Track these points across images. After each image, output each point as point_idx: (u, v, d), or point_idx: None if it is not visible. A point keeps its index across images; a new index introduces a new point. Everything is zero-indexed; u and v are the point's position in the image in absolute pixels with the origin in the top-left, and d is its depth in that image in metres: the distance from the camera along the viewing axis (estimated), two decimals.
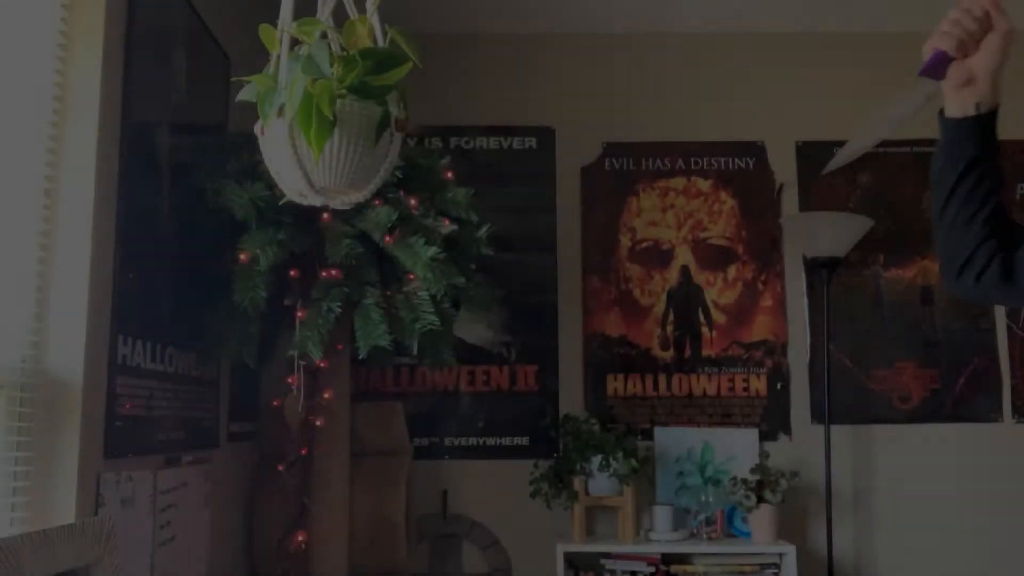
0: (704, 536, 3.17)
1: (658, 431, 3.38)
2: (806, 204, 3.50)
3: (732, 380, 3.44)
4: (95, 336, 1.81)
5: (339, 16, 1.17)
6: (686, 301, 3.48)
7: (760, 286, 3.48)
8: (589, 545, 3.13)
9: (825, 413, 3.24)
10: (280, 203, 2.07)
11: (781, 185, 3.50)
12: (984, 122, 1.23)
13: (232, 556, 2.70)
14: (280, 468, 2.41)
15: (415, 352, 2.27)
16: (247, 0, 2.71)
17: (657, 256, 3.50)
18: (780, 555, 3.06)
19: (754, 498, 3.10)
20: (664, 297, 3.48)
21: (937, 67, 1.19)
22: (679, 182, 3.55)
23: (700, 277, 3.49)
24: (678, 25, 3.55)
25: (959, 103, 1.21)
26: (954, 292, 1.27)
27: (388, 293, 2.30)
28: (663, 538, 3.12)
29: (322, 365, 2.37)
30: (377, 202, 2.22)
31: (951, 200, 1.23)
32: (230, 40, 2.66)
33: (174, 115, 2.27)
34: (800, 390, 3.42)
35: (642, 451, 3.25)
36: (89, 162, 1.81)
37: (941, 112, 1.23)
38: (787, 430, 3.40)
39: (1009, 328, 3.47)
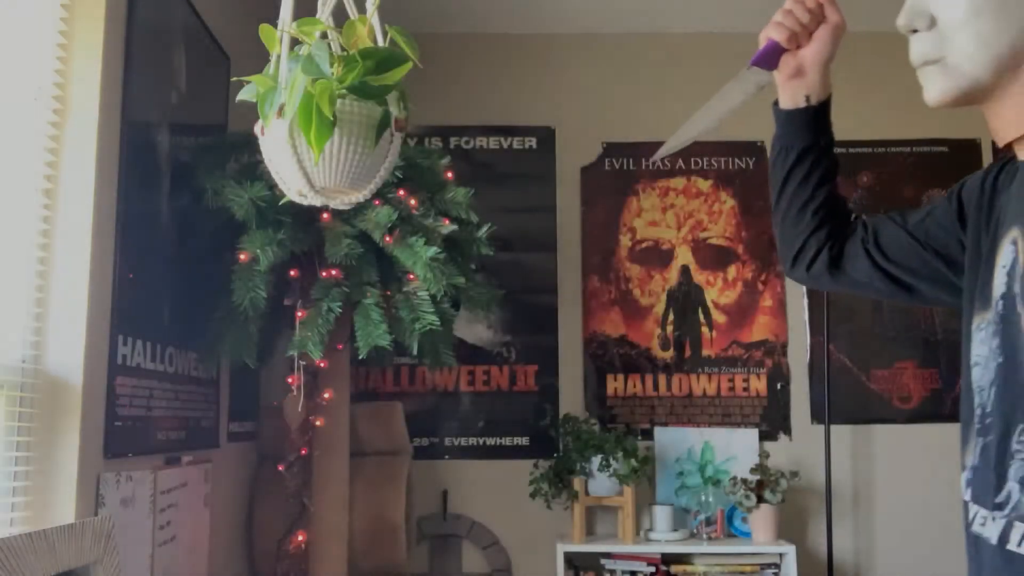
0: (704, 536, 3.17)
1: (658, 431, 3.38)
2: None
3: (732, 380, 3.44)
4: (95, 336, 1.81)
5: (339, 16, 1.17)
6: (686, 301, 3.48)
7: (760, 286, 3.48)
8: (589, 545, 3.13)
9: (825, 413, 3.24)
10: (280, 203, 2.08)
11: None
12: (815, 113, 1.21)
13: (232, 556, 2.70)
14: (280, 468, 2.41)
15: (415, 352, 2.27)
16: (247, 0, 2.71)
17: (657, 256, 3.50)
18: (780, 555, 3.06)
19: (754, 498, 3.10)
20: (664, 297, 3.48)
21: (769, 57, 1.18)
22: (679, 182, 3.55)
23: (700, 277, 3.49)
24: (678, 25, 3.56)
25: (791, 94, 1.20)
26: (794, 279, 1.29)
27: (388, 293, 2.30)
28: (663, 538, 3.12)
29: (322, 365, 2.37)
30: (377, 202, 2.22)
31: (784, 190, 1.24)
32: (230, 40, 2.66)
33: (174, 115, 2.27)
34: (800, 390, 3.43)
35: (642, 451, 3.25)
36: (89, 162, 1.81)
37: (776, 103, 1.23)
38: (787, 430, 3.41)
39: None
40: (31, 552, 1.43)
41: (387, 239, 2.22)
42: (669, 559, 3.11)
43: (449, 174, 2.49)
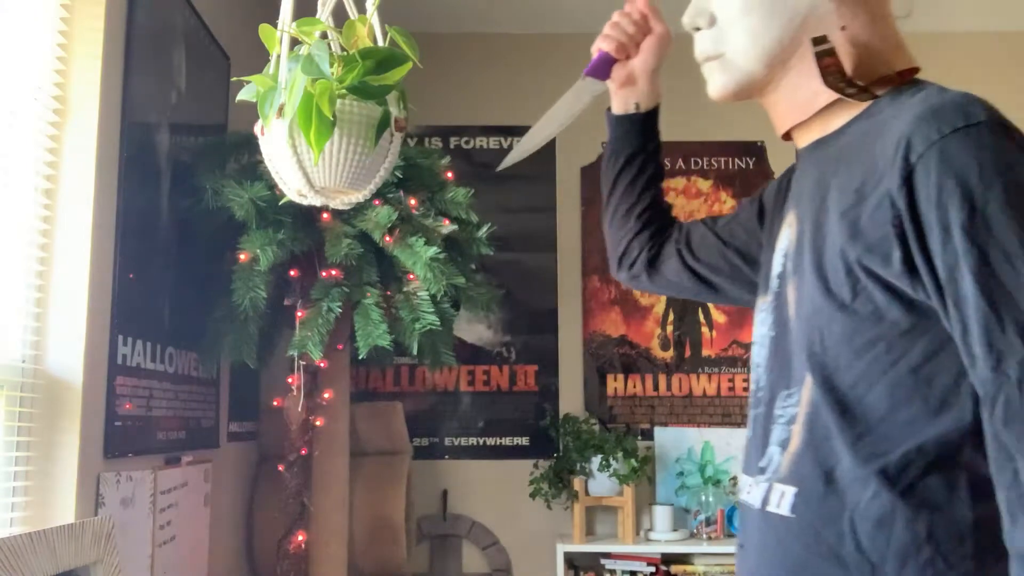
0: (704, 536, 3.17)
1: (658, 431, 3.38)
2: None
3: (732, 380, 3.44)
4: (95, 336, 1.81)
5: (339, 16, 1.17)
6: (686, 301, 3.48)
7: None
8: (589, 545, 3.13)
9: None
10: (280, 203, 2.08)
11: None
12: (644, 120, 1.27)
13: (232, 556, 2.70)
14: (280, 468, 2.41)
15: (415, 352, 2.26)
16: (247, 0, 2.71)
17: None
18: None
19: None
20: (664, 297, 3.48)
21: (602, 67, 1.23)
22: (679, 182, 3.55)
23: None
24: (677, 25, 3.55)
25: (622, 101, 1.26)
26: (618, 280, 1.35)
27: (388, 293, 2.30)
28: (663, 538, 3.12)
29: (322, 365, 2.37)
30: (377, 202, 2.22)
31: (612, 193, 1.29)
32: (230, 40, 2.66)
33: (174, 115, 2.27)
34: None
35: (642, 451, 3.25)
36: (89, 162, 1.81)
37: (609, 110, 1.29)
38: None
39: None
40: (31, 552, 1.43)
41: (387, 239, 2.22)
42: (669, 559, 3.11)
43: (449, 174, 2.49)
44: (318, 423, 2.40)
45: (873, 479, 0.85)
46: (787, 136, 1.07)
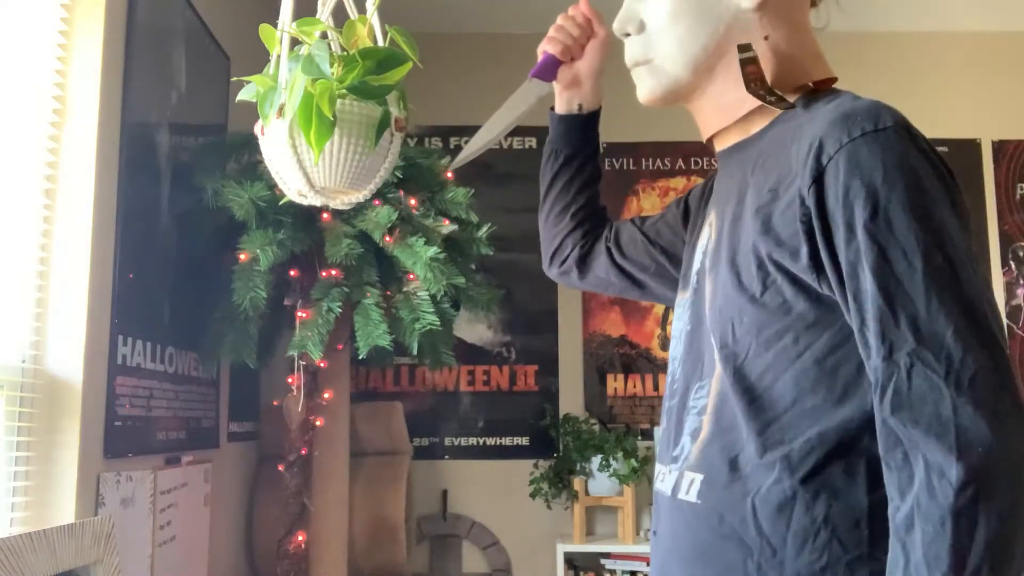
0: None
1: (658, 431, 3.38)
2: None
3: None
4: (95, 336, 1.81)
5: (339, 16, 1.17)
6: None
7: None
8: (589, 545, 3.13)
9: None
10: (280, 203, 2.08)
11: None
12: (586, 121, 1.30)
13: (232, 556, 2.70)
14: (280, 468, 2.41)
15: (415, 352, 2.27)
16: (247, 0, 2.71)
17: None
18: None
19: None
20: None
21: (548, 69, 1.25)
22: (679, 182, 3.55)
23: None
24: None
25: (566, 101, 1.29)
26: (549, 276, 1.38)
27: (388, 293, 2.30)
28: None
29: (322, 365, 2.37)
30: (377, 202, 2.22)
31: (549, 191, 1.32)
32: (230, 40, 2.66)
33: (174, 115, 2.27)
34: None
35: (642, 451, 3.25)
36: (89, 162, 1.81)
37: (552, 109, 1.32)
38: None
39: (1009, 328, 3.47)
40: (31, 552, 1.43)
41: (387, 239, 2.22)
42: None
43: (449, 174, 2.49)
44: (318, 423, 2.40)
45: (776, 465, 0.89)
46: (710, 140, 1.11)
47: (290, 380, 2.38)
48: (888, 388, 0.81)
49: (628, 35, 1.09)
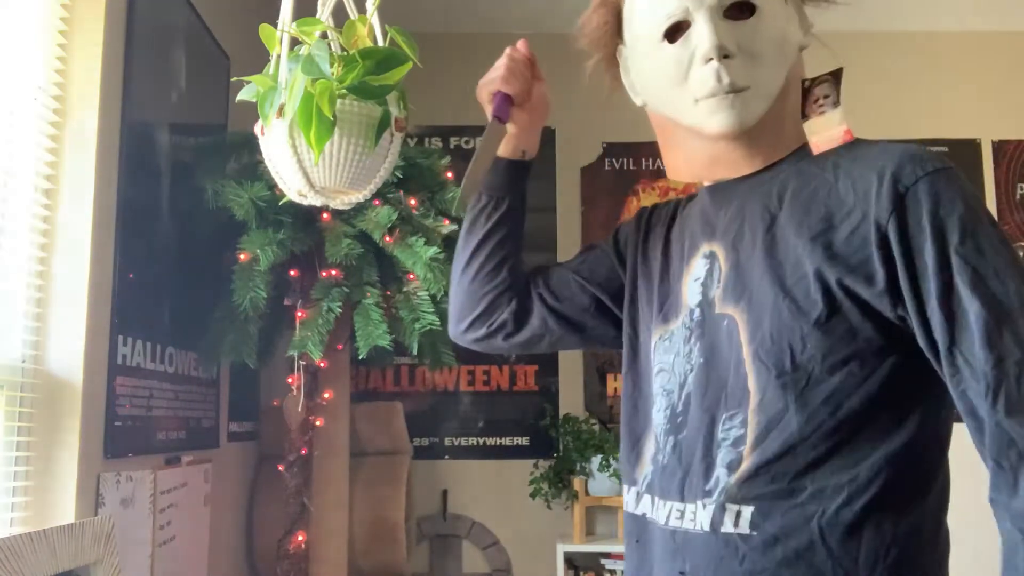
0: None
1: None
2: None
3: None
4: (95, 336, 1.81)
5: (339, 16, 1.17)
6: None
7: None
8: (589, 545, 3.13)
9: None
10: (280, 203, 2.08)
11: None
12: (527, 169, 1.23)
13: (232, 556, 2.70)
14: (280, 468, 2.41)
15: (415, 352, 2.27)
16: (247, 0, 2.71)
17: None
18: None
19: None
20: None
21: (505, 110, 1.16)
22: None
23: None
24: None
25: (513, 146, 1.20)
26: (463, 342, 1.26)
27: (388, 293, 2.30)
28: None
29: (322, 365, 2.37)
30: (377, 202, 2.22)
31: (485, 243, 1.21)
32: (230, 40, 2.66)
33: (174, 115, 2.27)
34: None
35: None
36: (89, 162, 1.81)
37: (496, 156, 1.21)
38: None
39: None
40: (31, 552, 1.43)
41: (387, 239, 2.22)
42: None
43: (449, 174, 2.49)
44: (318, 423, 2.40)
45: (844, 488, 0.91)
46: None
47: (290, 380, 2.38)
48: (1000, 394, 0.86)
49: (727, 56, 1.00)
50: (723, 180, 1.08)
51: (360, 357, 2.23)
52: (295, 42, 1.10)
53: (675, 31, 1.03)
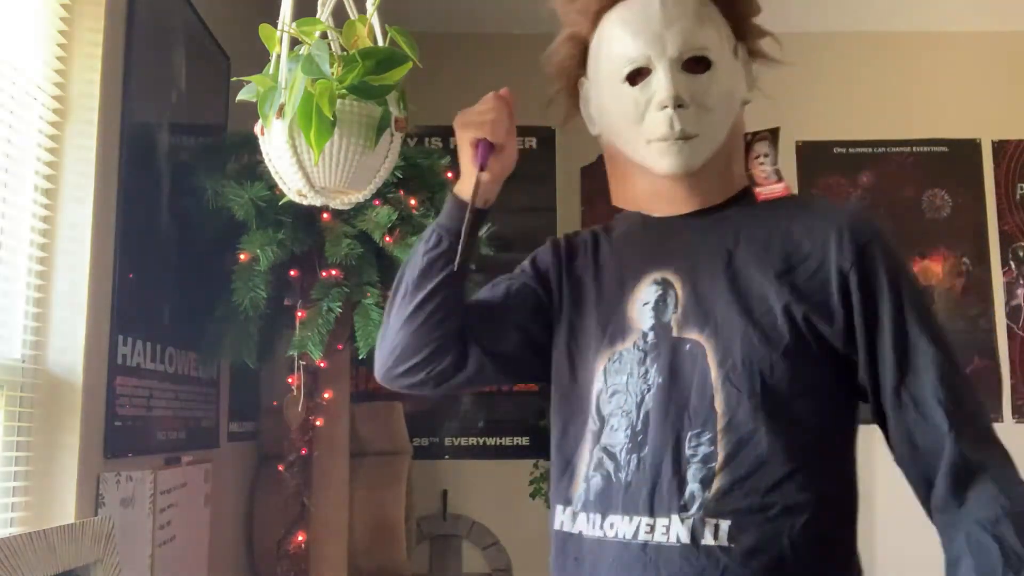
0: None
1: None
2: None
3: None
4: (95, 336, 1.81)
5: (339, 16, 1.17)
6: None
7: None
8: None
9: None
10: (280, 203, 2.08)
11: None
12: (483, 218, 1.20)
13: (232, 556, 2.70)
14: (280, 468, 2.41)
15: None
16: (247, 0, 2.71)
17: None
18: None
19: None
20: None
21: (486, 159, 1.14)
22: None
23: None
24: None
25: (483, 195, 1.16)
26: (398, 385, 1.22)
27: (388, 293, 2.30)
28: None
29: (322, 365, 2.37)
30: (377, 202, 2.22)
31: (441, 289, 1.16)
32: (230, 40, 2.65)
33: (174, 115, 2.27)
34: None
35: None
36: (89, 162, 1.81)
37: (456, 196, 1.17)
38: None
39: (1009, 328, 3.47)
40: (31, 552, 1.43)
41: (387, 239, 2.22)
42: None
43: (449, 174, 2.49)
44: (318, 423, 2.40)
45: (813, 502, 0.99)
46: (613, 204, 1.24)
47: (290, 380, 2.38)
48: (964, 428, 0.99)
49: (681, 106, 1.08)
50: (664, 215, 1.17)
51: (360, 357, 2.23)
52: (295, 42, 1.10)
53: (636, 75, 1.11)
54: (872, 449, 3.59)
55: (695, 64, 1.09)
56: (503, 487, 3.37)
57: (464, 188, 1.16)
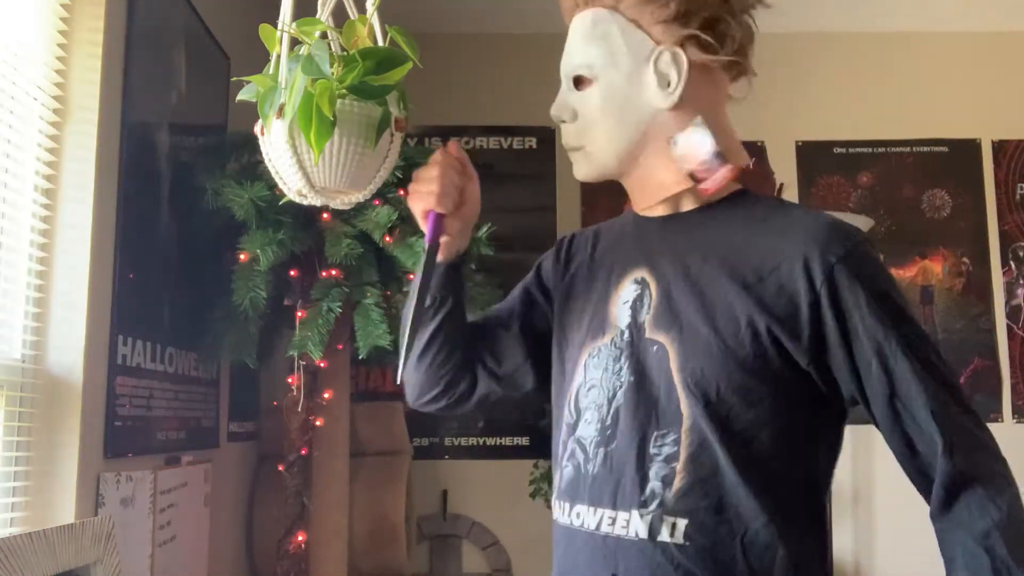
0: None
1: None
2: (806, 204, 3.50)
3: None
4: (95, 336, 1.81)
5: (339, 16, 1.17)
6: None
7: None
8: None
9: None
10: (280, 203, 2.08)
11: (781, 185, 3.50)
12: (463, 264, 1.28)
13: (232, 556, 2.70)
14: (280, 468, 2.41)
15: None
16: (247, 0, 2.71)
17: None
18: None
19: None
20: None
21: (440, 228, 1.18)
22: None
23: None
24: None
25: (450, 250, 1.23)
26: (418, 408, 1.33)
27: (388, 293, 2.30)
28: None
29: (322, 365, 2.37)
30: (377, 202, 2.22)
31: (434, 339, 1.24)
32: (230, 40, 2.66)
33: (174, 115, 2.27)
34: None
35: None
36: (89, 162, 1.81)
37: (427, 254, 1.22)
38: None
39: (1009, 328, 3.47)
40: (31, 552, 1.43)
41: (387, 239, 2.22)
42: None
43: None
44: (318, 423, 2.40)
45: (763, 510, 1.01)
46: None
47: (290, 380, 2.38)
48: (955, 439, 0.99)
49: (564, 121, 1.17)
50: (648, 214, 1.19)
51: (360, 357, 2.23)
52: (295, 42, 1.10)
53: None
54: (872, 449, 3.61)
55: (579, 81, 1.17)
56: (503, 487, 3.37)
57: (440, 253, 1.23)
